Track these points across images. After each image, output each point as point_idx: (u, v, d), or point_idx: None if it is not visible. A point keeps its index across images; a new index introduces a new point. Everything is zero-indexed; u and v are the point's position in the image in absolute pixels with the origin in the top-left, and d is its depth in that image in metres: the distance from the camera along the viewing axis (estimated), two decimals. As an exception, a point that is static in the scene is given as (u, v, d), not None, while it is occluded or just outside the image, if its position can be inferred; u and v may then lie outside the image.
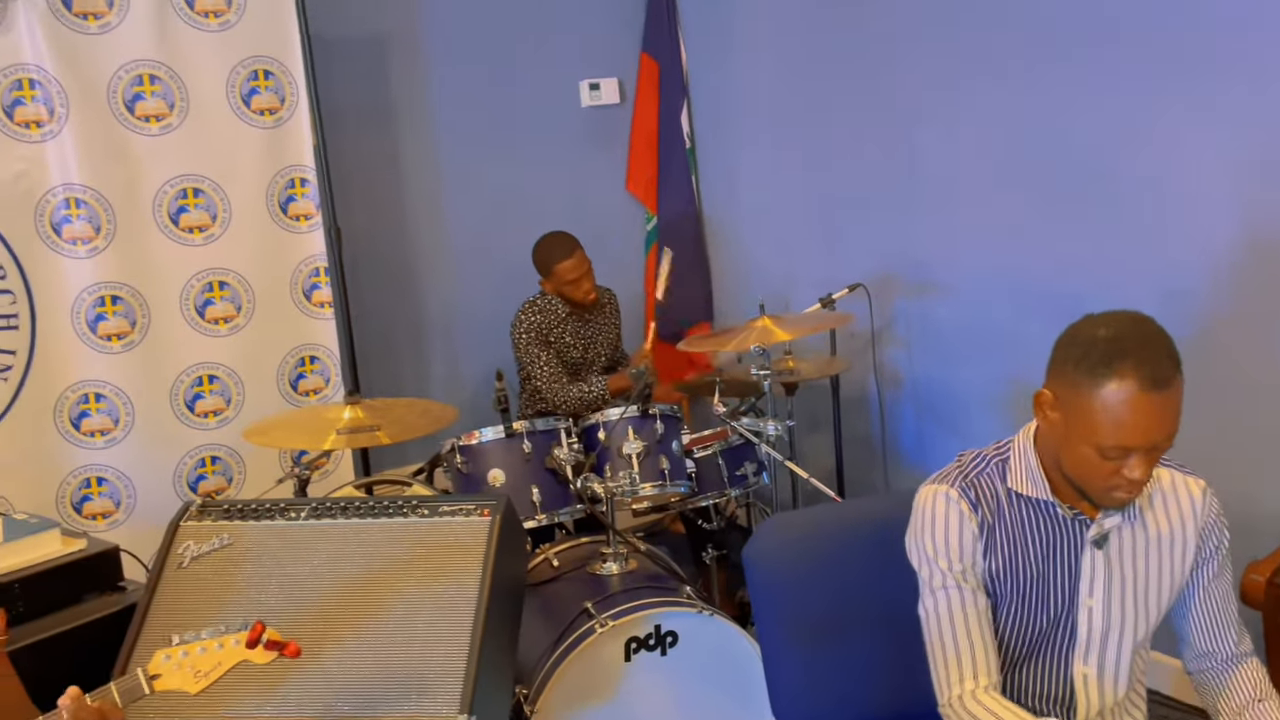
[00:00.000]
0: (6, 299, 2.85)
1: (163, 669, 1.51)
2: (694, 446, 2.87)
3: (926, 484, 1.64)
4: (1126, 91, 2.65)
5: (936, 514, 1.59)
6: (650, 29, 4.12)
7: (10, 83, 2.79)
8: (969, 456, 1.65)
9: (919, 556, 1.62)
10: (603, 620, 2.25)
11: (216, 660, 1.51)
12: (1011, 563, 1.59)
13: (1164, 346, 1.40)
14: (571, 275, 3.36)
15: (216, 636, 1.51)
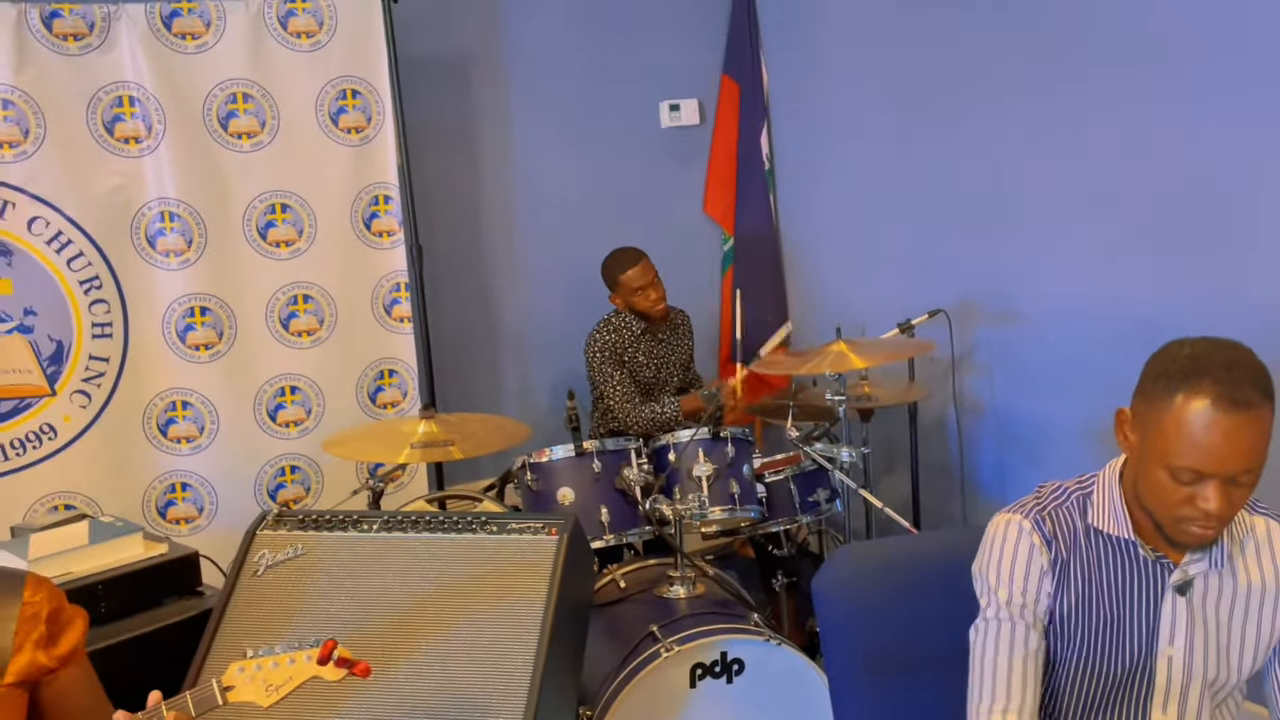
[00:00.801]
0: (101, 308, 2.95)
1: (236, 681, 1.53)
2: (766, 471, 2.84)
3: (1001, 513, 1.58)
4: (1227, 118, 2.55)
5: (1006, 544, 1.54)
6: (732, 51, 4.12)
7: (111, 99, 2.90)
8: (1049, 488, 1.59)
9: (981, 584, 1.57)
10: (668, 645, 2.23)
11: (288, 675, 1.53)
12: (1085, 602, 1.52)
13: (1251, 371, 1.33)
14: (637, 283, 3.36)
15: (289, 651, 1.53)
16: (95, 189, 2.91)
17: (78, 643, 1.73)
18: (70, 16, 2.82)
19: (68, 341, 2.91)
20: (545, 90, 3.85)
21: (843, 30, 3.74)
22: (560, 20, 3.84)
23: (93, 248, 2.91)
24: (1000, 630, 1.53)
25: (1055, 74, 2.97)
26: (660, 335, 3.51)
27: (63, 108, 2.84)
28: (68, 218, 2.87)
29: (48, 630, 1.68)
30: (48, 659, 1.68)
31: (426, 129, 3.57)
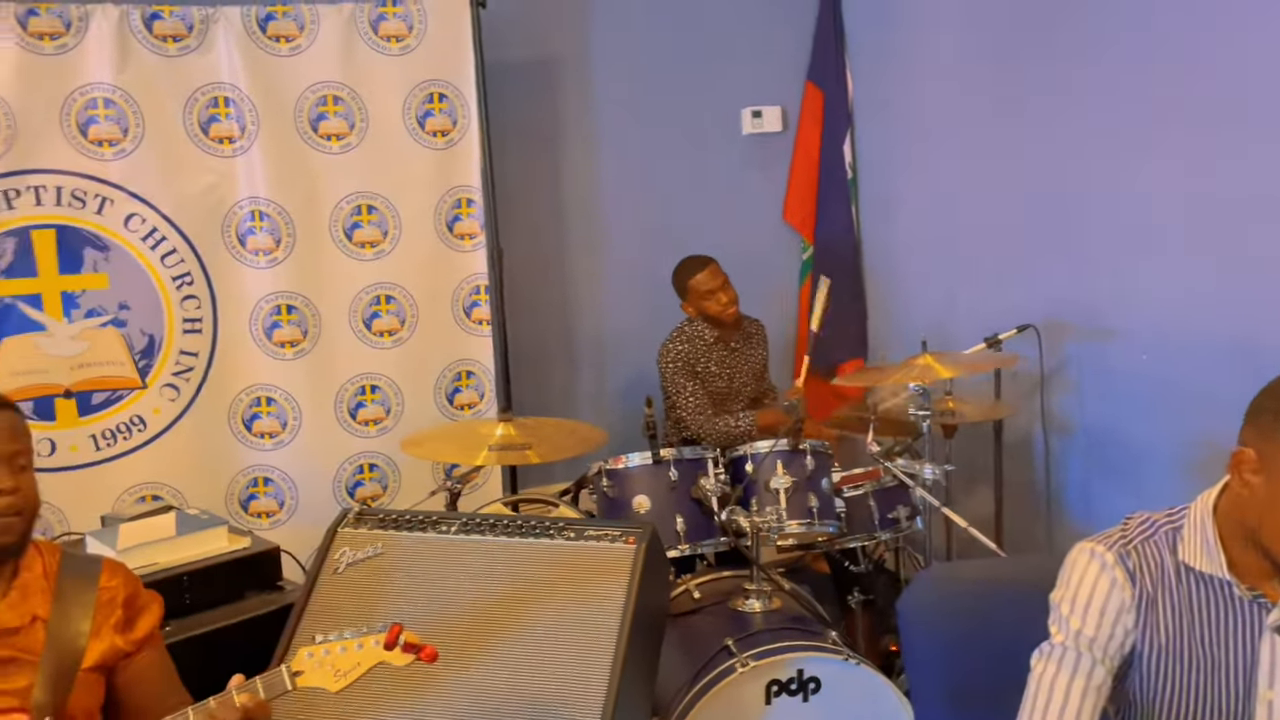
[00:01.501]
0: (192, 304, 3.02)
1: (305, 666, 1.54)
2: (845, 485, 2.78)
3: (1084, 543, 1.52)
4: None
5: (1086, 576, 1.48)
6: (817, 57, 4.07)
7: (207, 100, 2.97)
8: (1136, 521, 1.52)
9: (1055, 612, 1.51)
10: (744, 660, 2.19)
11: (356, 660, 1.53)
12: (1175, 644, 1.45)
13: None
14: (706, 286, 3.33)
15: (357, 636, 1.53)
16: (189, 187, 2.98)
17: (153, 627, 1.77)
18: (170, 18, 2.90)
19: (159, 336, 2.99)
20: (628, 95, 3.84)
21: (931, 36, 3.67)
22: (646, 25, 3.84)
23: (186, 245, 2.99)
24: (1065, 657, 1.47)
25: (1156, 76, 2.86)
26: (733, 344, 3.47)
27: (161, 107, 2.92)
28: (163, 215, 2.95)
29: (124, 615, 1.72)
30: (125, 643, 1.71)
31: (510, 132, 3.58)
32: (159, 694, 1.74)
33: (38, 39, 2.77)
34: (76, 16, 2.80)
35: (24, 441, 1.63)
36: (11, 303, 2.82)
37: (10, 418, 1.62)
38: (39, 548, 1.71)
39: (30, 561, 1.67)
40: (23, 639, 1.62)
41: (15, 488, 1.58)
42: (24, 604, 1.64)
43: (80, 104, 2.83)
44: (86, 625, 1.66)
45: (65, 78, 2.81)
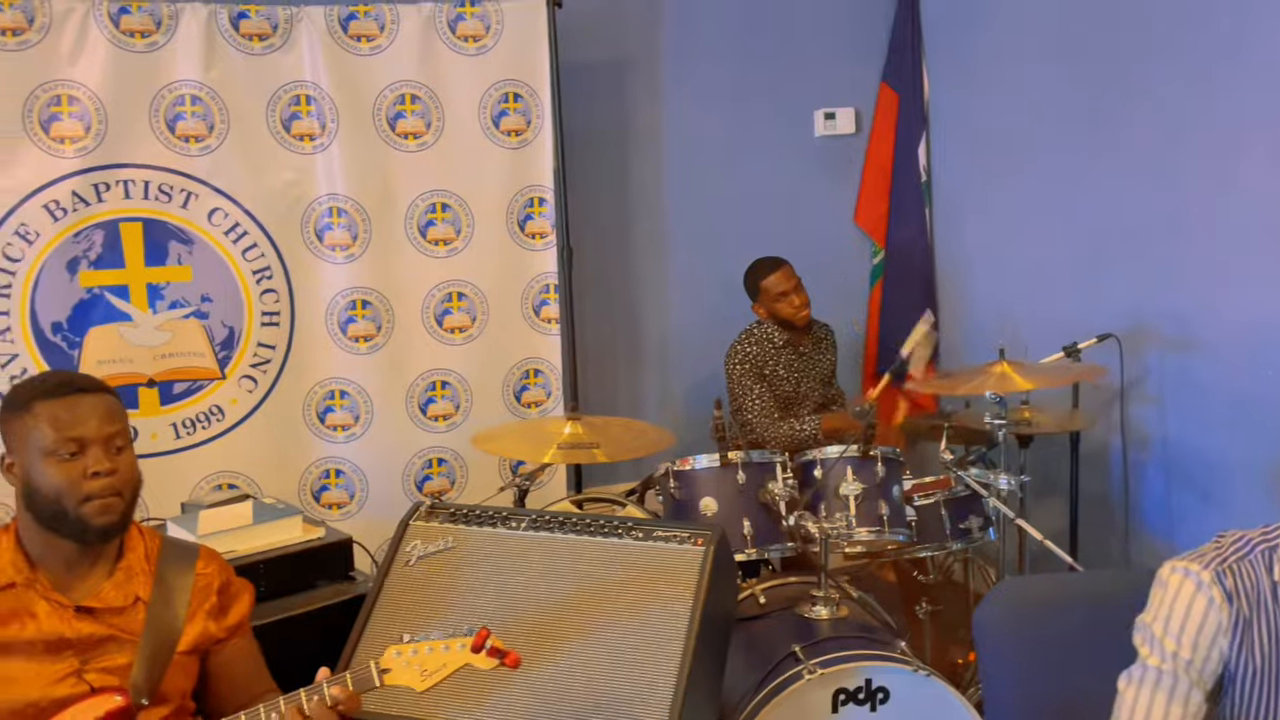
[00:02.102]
0: (271, 297, 3.09)
1: (393, 664, 1.57)
2: (916, 493, 2.73)
3: (1175, 562, 1.47)
4: None
5: (1180, 597, 1.43)
6: (892, 59, 4.02)
7: (290, 98, 3.03)
8: (1230, 539, 1.47)
9: (1146, 633, 1.46)
10: (811, 667, 2.16)
11: (442, 661, 1.55)
12: (1271, 667, 1.39)
13: None
14: (779, 288, 3.31)
15: (444, 638, 1.55)
16: (270, 183, 3.04)
17: (244, 615, 1.81)
18: (256, 17, 2.96)
19: (239, 328, 3.05)
20: (700, 96, 3.83)
21: (1010, 39, 3.59)
22: (719, 26, 3.82)
23: (266, 239, 3.05)
24: (1161, 681, 1.42)
25: (1248, 81, 2.77)
26: (802, 348, 3.44)
27: (245, 105, 2.98)
28: (245, 210, 3.01)
29: (218, 601, 1.76)
30: (218, 629, 1.75)
31: (582, 133, 3.59)
32: (247, 681, 1.78)
33: (129, 36, 2.85)
34: (167, 15, 2.88)
35: (121, 422, 1.66)
36: (100, 293, 2.90)
37: (106, 400, 1.66)
38: (141, 531, 1.76)
39: (134, 543, 1.72)
40: (124, 619, 1.66)
41: (113, 469, 1.62)
42: (128, 585, 1.68)
43: (168, 100, 2.91)
44: (183, 609, 1.70)
45: (155, 75, 2.89)
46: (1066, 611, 1.73)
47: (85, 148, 2.82)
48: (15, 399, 1.63)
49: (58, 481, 1.59)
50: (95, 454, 1.60)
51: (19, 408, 1.62)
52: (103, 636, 1.64)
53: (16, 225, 2.79)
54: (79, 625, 1.63)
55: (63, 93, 2.80)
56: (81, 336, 2.89)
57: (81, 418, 1.60)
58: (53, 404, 1.60)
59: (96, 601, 1.65)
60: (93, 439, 1.60)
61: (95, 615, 1.64)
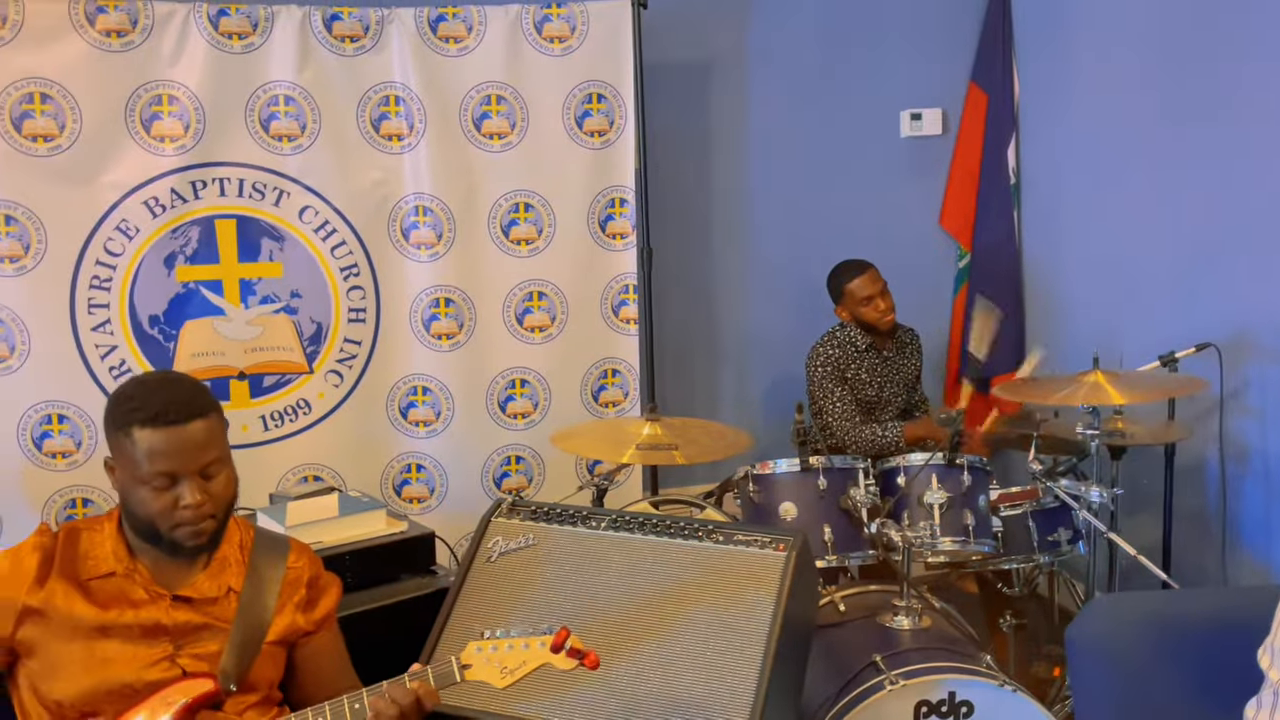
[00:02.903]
0: (358, 294, 3.14)
1: (474, 660, 1.58)
2: (1002, 503, 2.67)
3: None
4: None
5: None
6: (982, 59, 3.93)
7: (379, 99, 3.08)
8: None
9: (1274, 655, 1.38)
10: (893, 678, 2.12)
11: (522, 659, 1.56)
12: None
13: None
14: (864, 291, 3.26)
15: (525, 636, 1.56)
16: (359, 182, 3.09)
17: (332, 609, 1.83)
18: (349, 19, 3.02)
19: (326, 324, 3.12)
20: (784, 96, 3.80)
21: (1105, 36, 3.49)
22: (805, 26, 3.78)
23: (354, 237, 3.11)
24: None
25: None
26: (886, 352, 3.39)
27: (336, 105, 3.04)
28: (334, 208, 3.07)
29: (307, 594, 1.79)
30: (305, 621, 1.78)
31: (664, 133, 3.59)
32: (332, 675, 1.81)
33: (227, 38, 2.93)
34: (263, 17, 2.95)
35: (216, 448, 1.65)
36: (195, 288, 2.99)
37: (203, 427, 1.63)
38: (235, 522, 1.79)
39: (229, 534, 1.76)
40: (218, 608, 1.70)
41: (203, 501, 1.62)
42: (221, 575, 1.72)
43: (263, 100, 2.98)
44: (273, 600, 1.74)
45: (250, 75, 2.96)
46: (1166, 629, 1.67)
47: (184, 146, 2.91)
48: (116, 415, 1.63)
49: (151, 509, 1.61)
50: (188, 486, 1.61)
51: (118, 426, 1.62)
52: (197, 624, 1.68)
53: (118, 221, 2.89)
54: (175, 613, 1.67)
55: (163, 92, 2.89)
56: (177, 329, 2.98)
57: (176, 450, 1.59)
58: (149, 433, 1.58)
59: (192, 591, 1.69)
60: (186, 472, 1.61)
61: (191, 604, 1.69)
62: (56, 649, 1.62)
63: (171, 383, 1.68)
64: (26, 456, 2.87)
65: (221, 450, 1.67)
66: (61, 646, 1.62)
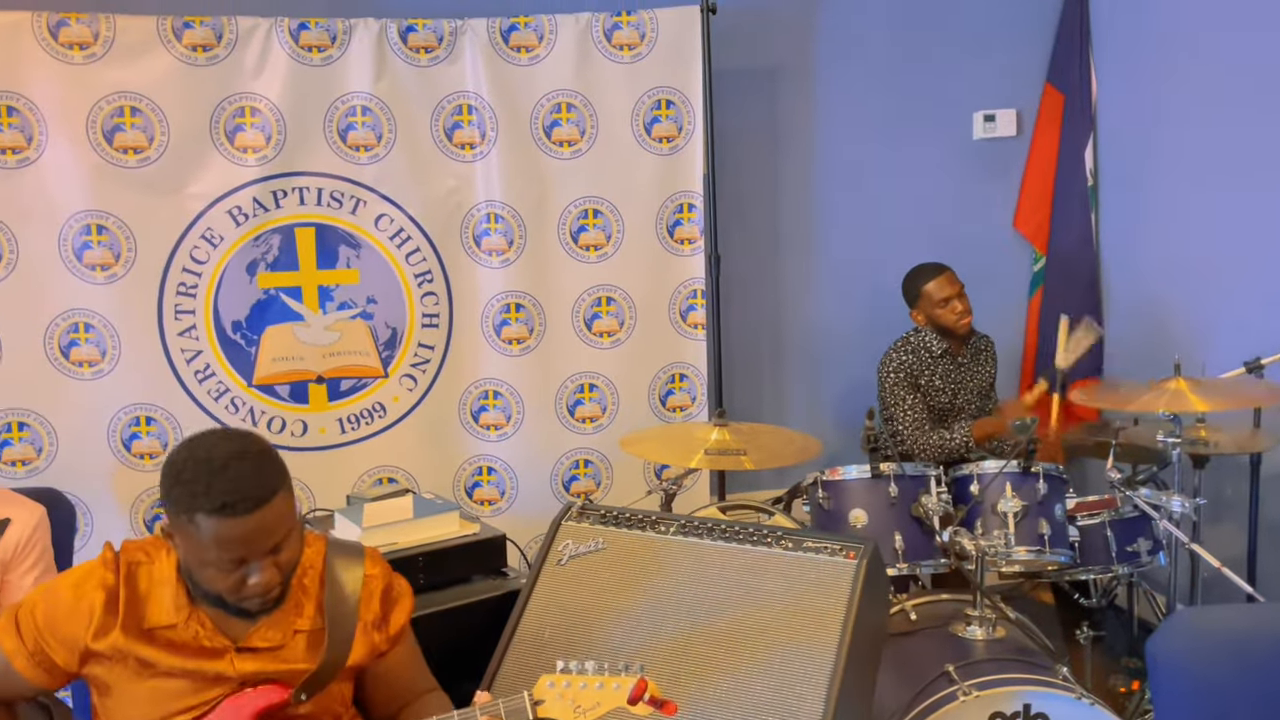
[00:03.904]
0: (431, 300, 3.20)
1: (547, 695, 1.55)
2: (1080, 512, 2.62)
3: None
4: None
5: None
6: (1058, 58, 3.85)
7: (453, 108, 3.14)
8: None
9: None
10: (966, 688, 2.10)
11: (596, 699, 1.52)
12: None
13: None
14: (941, 294, 3.22)
15: (600, 674, 1.52)
16: (433, 191, 3.15)
17: (405, 622, 1.79)
18: (424, 31, 3.08)
19: (401, 329, 3.18)
20: (853, 99, 3.77)
21: (1185, 35, 3.39)
22: (874, 28, 3.75)
23: (428, 244, 3.17)
24: None
25: None
26: (960, 359, 3.34)
27: (411, 115, 3.11)
28: (409, 216, 3.14)
29: (381, 610, 1.74)
30: (381, 641, 1.75)
31: (732, 138, 3.59)
32: (408, 683, 1.80)
33: (307, 51, 3.01)
34: (341, 30, 3.03)
35: (284, 525, 1.57)
36: (275, 294, 3.08)
37: (271, 512, 1.53)
38: (305, 540, 1.72)
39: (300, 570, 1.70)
40: (285, 652, 1.66)
41: (273, 576, 1.57)
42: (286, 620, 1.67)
43: (341, 112, 3.05)
44: (351, 626, 1.68)
45: (329, 87, 3.04)
46: (1253, 644, 1.62)
47: (265, 156, 3.00)
48: (177, 497, 1.52)
49: (217, 586, 1.57)
50: (257, 566, 1.55)
51: (179, 509, 1.52)
52: (264, 673, 1.65)
53: (203, 229, 2.99)
54: (240, 664, 1.63)
55: (246, 104, 2.98)
56: (258, 335, 3.07)
57: (244, 539, 1.52)
58: (214, 523, 1.49)
59: (259, 641, 1.64)
60: (255, 555, 1.54)
61: (256, 654, 1.64)
62: (122, 687, 1.62)
63: (236, 460, 1.53)
64: (116, 457, 2.98)
65: (291, 523, 1.59)
66: (127, 685, 1.61)
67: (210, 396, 3.04)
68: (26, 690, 1.66)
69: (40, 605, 1.61)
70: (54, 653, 1.60)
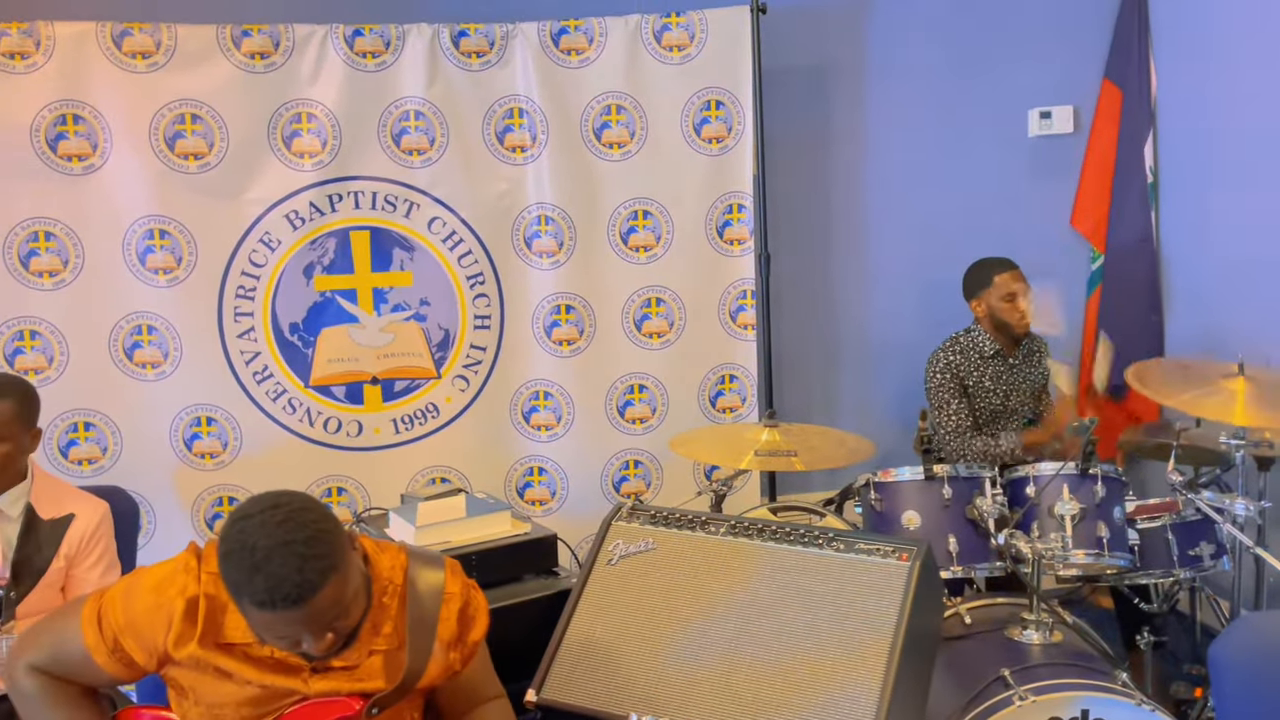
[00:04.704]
0: (483, 302, 3.23)
1: None
2: (1139, 515, 2.56)
3: None
4: None
5: None
6: (1116, 54, 3.78)
7: (504, 111, 3.17)
8: None
9: None
10: (1022, 693, 2.06)
11: None
12: None
13: None
14: (1009, 288, 3.18)
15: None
16: (485, 193, 3.19)
17: (480, 639, 1.77)
18: (475, 36, 3.11)
19: (454, 331, 3.22)
20: (905, 97, 3.73)
21: (1248, 28, 3.31)
22: (927, 25, 3.71)
23: (480, 247, 3.20)
24: None
25: None
26: (1012, 359, 3.29)
27: (463, 119, 3.14)
28: (461, 219, 3.17)
29: (458, 629, 1.73)
30: (456, 659, 1.74)
31: (782, 138, 3.57)
32: (474, 691, 1.81)
33: (362, 57, 3.06)
34: (395, 36, 3.07)
35: (338, 607, 1.52)
36: (331, 296, 3.13)
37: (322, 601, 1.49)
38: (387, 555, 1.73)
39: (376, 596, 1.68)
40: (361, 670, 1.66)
41: (333, 642, 1.55)
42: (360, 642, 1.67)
43: (395, 116, 3.10)
44: (428, 647, 1.68)
45: (383, 92, 3.08)
46: (1320, 653, 1.58)
47: (321, 161, 3.05)
48: (228, 579, 1.49)
49: (278, 649, 1.60)
50: (310, 640, 1.53)
51: (234, 589, 1.49)
52: (338, 690, 1.66)
53: (261, 234, 3.05)
54: (315, 684, 1.65)
55: (303, 110, 3.03)
56: (315, 336, 3.12)
57: (296, 624, 1.49)
58: (266, 615, 1.48)
59: (336, 661, 1.65)
60: (306, 635, 1.52)
61: (330, 673, 1.65)
62: (199, 691, 1.65)
63: (281, 551, 1.46)
64: (178, 456, 3.05)
65: (345, 602, 1.53)
66: (203, 689, 1.65)
67: (269, 397, 3.10)
68: (106, 682, 1.70)
69: (121, 605, 1.64)
70: (133, 652, 1.63)
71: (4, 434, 2.21)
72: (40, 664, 1.68)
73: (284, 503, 1.52)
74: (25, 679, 1.68)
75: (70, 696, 1.69)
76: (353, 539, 1.62)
